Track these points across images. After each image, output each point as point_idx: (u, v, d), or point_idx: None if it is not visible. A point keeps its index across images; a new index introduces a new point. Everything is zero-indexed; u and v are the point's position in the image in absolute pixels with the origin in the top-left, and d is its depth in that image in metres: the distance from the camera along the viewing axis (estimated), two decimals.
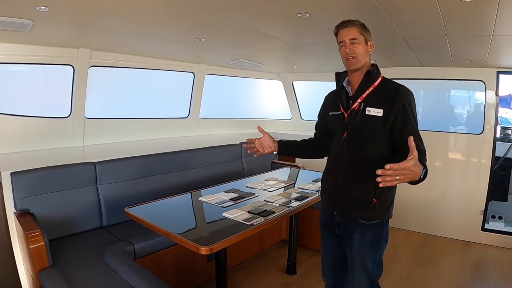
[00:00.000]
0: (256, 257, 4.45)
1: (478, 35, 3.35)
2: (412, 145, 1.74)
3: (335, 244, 2.40)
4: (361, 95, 2.15)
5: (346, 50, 2.13)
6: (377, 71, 2.18)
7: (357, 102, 2.16)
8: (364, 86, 2.16)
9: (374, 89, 2.14)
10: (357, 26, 2.13)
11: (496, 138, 5.03)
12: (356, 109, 2.15)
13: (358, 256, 2.23)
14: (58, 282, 2.50)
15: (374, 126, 2.09)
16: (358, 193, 2.16)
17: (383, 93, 2.11)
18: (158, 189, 3.91)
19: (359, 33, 2.11)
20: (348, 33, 2.12)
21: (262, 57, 5.17)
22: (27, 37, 3.45)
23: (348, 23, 2.14)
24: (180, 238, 2.43)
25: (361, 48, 2.12)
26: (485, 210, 5.06)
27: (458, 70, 5.02)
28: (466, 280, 4.09)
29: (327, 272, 2.57)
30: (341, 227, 2.29)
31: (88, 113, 4.40)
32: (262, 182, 3.93)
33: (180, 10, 2.87)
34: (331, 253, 2.49)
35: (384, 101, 2.08)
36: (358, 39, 2.11)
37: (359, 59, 2.13)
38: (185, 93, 5.74)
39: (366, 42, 2.14)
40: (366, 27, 2.16)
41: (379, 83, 2.16)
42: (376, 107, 2.08)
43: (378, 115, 2.07)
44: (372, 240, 2.19)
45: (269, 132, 2.81)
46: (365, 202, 2.12)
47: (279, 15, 3.06)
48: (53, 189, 3.24)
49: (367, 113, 2.10)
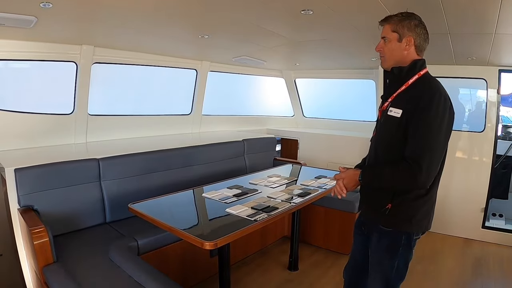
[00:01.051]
0: (258, 253, 4.47)
1: (480, 33, 3.35)
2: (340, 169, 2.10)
3: (360, 244, 2.37)
4: (392, 94, 2.08)
5: (376, 49, 2.12)
6: (410, 69, 2.02)
7: (387, 101, 2.09)
8: (392, 86, 2.09)
9: (407, 88, 2.02)
10: (391, 23, 2.04)
11: (497, 136, 5.04)
12: (384, 109, 2.09)
13: (374, 258, 2.20)
14: (62, 278, 2.51)
15: (389, 127, 2.02)
16: (373, 196, 2.14)
17: (410, 92, 2.00)
18: (161, 186, 3.92)
19: (391, 30, 2.03)
20: (382, 31, 2.08)
21: (265, 54, 5.17)
22: (31, 34, 3.45)
23: (383, 20, 2.08)
24: (185, 234, 2.44)
25: (391, 45, 2.04)
26: (486, 208, 5.08)
27: (460, 68, 5.02)
28: (467, 277, 4.11)
29: (348, 270, 2.56)
30: (366, 227, 2.28)
31: (91, 109, 4.40)
32: (265, 179, 3.94)
33: (183, 7, 2.87)
34: (354, 252, 2.48)
35: (406, 101, 1.97)
36: (388, 37, 2.04)
37: (387, 58, 2.08)
38: (187, 90, 5.74)
39: (400, 39, 2.01)
40: (405, 22, 2.00)
41: (414, 82, 2.02)
42: (397, 107, 1.98)
43: (396, 116, 1.96)
44: (389, 246, 2.09)
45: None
46: (379, 206, 2.06)
47: (283, 12, 3.07)
48: (56, 185, 3.25)
49: (388, 113, 2.02)
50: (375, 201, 2.11)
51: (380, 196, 2.07)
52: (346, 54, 5.07)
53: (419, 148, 1.86)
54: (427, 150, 1.86)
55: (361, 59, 5.31)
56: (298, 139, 6.58)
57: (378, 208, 2.07)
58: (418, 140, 1.87)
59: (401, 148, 1.94)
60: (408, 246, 2.10)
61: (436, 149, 1.88)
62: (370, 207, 2.21)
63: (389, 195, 2.02)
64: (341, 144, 6.06)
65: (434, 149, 1.88)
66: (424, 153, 1.85)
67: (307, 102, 7.34)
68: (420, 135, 1.87)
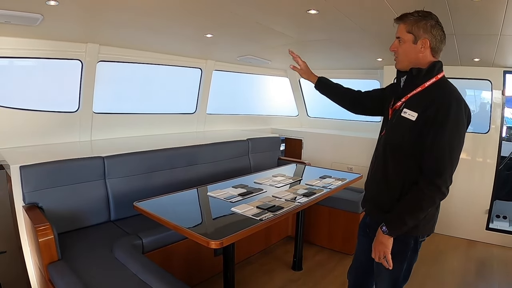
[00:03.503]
0: (262, 253, 4.48)
1: (485, 35, 3.35)
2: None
3: (365, 245, 2.30)
4: (406, 94, 2.03)
5: (390, 49, 2.08)
6: (428, 71, 1.96)
7: (400, 101, 2.05)
8: (409, 86, 2.02)
9: (423, 90, 1.97)
10: (407, 23, 1.97)
11: (502, 137, 5.03)
12: (397, 108, 2.05)
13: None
14: (66, 275, 2.50)
15: (402, 130, 1.97)
16: (380, 196, 2.12)
17: (427, 95, 1.93)
18: (166, 184, 3.93)
19: (406, 31, 1.96)
20: (397, 31, 2.03)
21: (269, 53, 5.18)
22: (36, 32, 3.45)
23: (399, 19, 2.02)
24: (190, 232, 2.44)
25: (405, 47, 1.98)
26: (490, 210, 5.07)
27: (465, 69, 5.00)
28: (470, 278, 4.10)
29: (352, 271, 2.55)
30: (372, 229, 2.18)
31: (96, 107, 4.40)
32: (270, 178, 3.94)
33: (188, 5, 2.87)
34: (358, 254, 2.46)
35: (422, 104, 1.91)
36: (403, 38, 1.98)
37: (400, 58, 2.03)
38: (192, 89, 5.74)
39: (415, 41, 1.95)
40: (421, 22, 1.93)
41: (431, 85, 1.96)
42: (413, 110, 1.93)
43: (411, 118, 1.92)
44: (398, 250, 2.03)
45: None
46: (386, 207, 2.04)
47: (288, 12, 3.07)
48: (61, 183, 3.25)
49: (402, 115, 1.98)
50: (382, 205, 2.08)
51: (387, 198, 2.06)
52: (351, 54, 5.06)
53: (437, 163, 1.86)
54: (447, 161, 1.86)
55: (366, 59, 5.31)
56: (302, 138, 6.57)
57: (385, 211, 2.04)
58: (434, 154, 1.86)
59: (410, 150, 1.94)
60: (415, 249, 2.11)
61: (454, 157, 1.88)
62: (377, 210, 2.17)
63: (395, 197, 2.01)
64: (345, 144, 6.05)
65: (453, 157, 1.87)
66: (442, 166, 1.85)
67: (312, 102, 7.33)
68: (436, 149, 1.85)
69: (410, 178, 1.95)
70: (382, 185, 2.10)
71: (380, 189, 2.12)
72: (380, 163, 2.13)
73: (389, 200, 2.04)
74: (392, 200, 2.02)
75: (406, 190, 1.96)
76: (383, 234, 1.97)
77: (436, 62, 1.98)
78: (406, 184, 1.97)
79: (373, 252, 2.05)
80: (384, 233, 1.96)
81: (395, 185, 2.01)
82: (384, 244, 1.98)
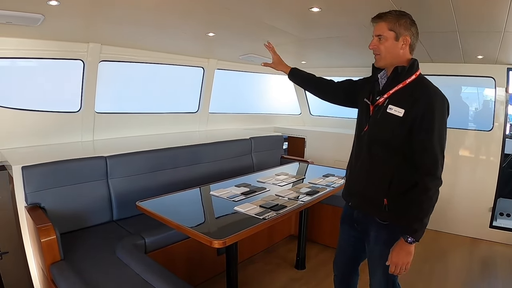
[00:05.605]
0: (265, 252, 4.46)
1: (489, 31, 3.32)
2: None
3: (352, 238, 2.42)
4: (388, 91, 2.08)
5: (370, 47, 2.11)
6: (410, 68, 2.03)
7: (382, 97, 2.09)
8: (392, 83, 2.07)
9: (404, 86, 2.03)
10: (387, 21, 2.02)
11: (505, 135, 5.00)
12: (380, 104, 2.09)
13: (375, 252, 2.22)
14: (69, 275, 2.51)
15: (391, 126, 2.02)
16: (369, 190, 2.15)
17: (411, 92, 2.00)
18: (168, 183, 3.93)
19: (387, 28, 2.01)
20: (376, 29, 2.06)
21: None
22: (38, 32, 3.45)
23: (378, 18, 2.06)
24: (193, 232, 2.44)
25: (387, 44, 2.03)
26: (494, 207, 5.05)
27: (468, 67, 4.99)
28: (474, 276, 4.09)
29: (338, 264, 2.62)
30: (360, 223, 2.29)
31: (98, 107, 4.41)
32: (273, 177, 3.93)
33: (190, 4, 2.86)
34: (345, 246, 2.52)
35: (408, 101, 1.97)
36: (385, 36, 2.02)
37: (383, 56, 2.06)
38: (195, 88, 5.73)
39: (397, 38, 2.01)
40: (401, 20, 2.01)
41: (411, 82, 2.04)
42: (399, 106, 1.99)
43: (398, 115, 1.98)
44: (388, 239, 2.10)
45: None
46: (376, 201, 2.10)
47: (290, 10, 3.05)
48: (64, 183, 3.25)
49: (388, 111, 2.02)
50: (371, 197, 2.14)
51: (376, 192, 2.11)
52: (354, 52, 5.03)
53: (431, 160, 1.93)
54: (440, 155, 1.94)
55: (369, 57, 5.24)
56: (305, 137, 6.56)
57: (375, 204, 2.11)
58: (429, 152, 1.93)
59: (399, 145, 2.02)
60: None
61: (443, 148, 1.97)
62: (366, 203, 2.21)
63: (384, 190, 2.07)
64: (348, 142, 5.91)
65: (443, 150, 1.97)
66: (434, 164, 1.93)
67: (314, 101, 7.29)
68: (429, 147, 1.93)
69: (399, 172, 2.03)
70: (371, 180, 2.15)
71: (369, 183, 2.16)
72: (366, 159, 2.17)
73: (379, 194, 2.09)
74: (381, 194, 2.08)
75: (395, 183, 2.04)
76: (410, 244, 1.97)
77: (414, 59, 2.07)
78: (395, 178, 2.04)
79: (395, 263, 2.02)
80: (412, 243, 1.97)
81: (385, 179, 2.07)
82: (411, 253, 1.99)
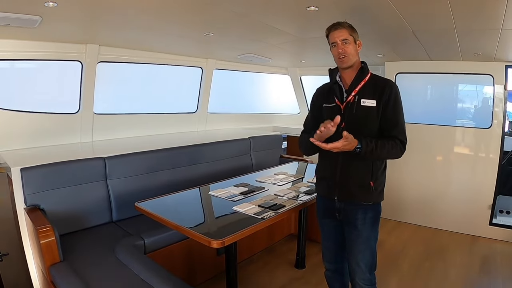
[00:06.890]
0: (265, 251, 4.47)
1: (487, 29, 3.33)
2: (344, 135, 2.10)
3: (336, 229, 2.60)
4: (354, 88, 2.38)
5: (338, 50, 2.36)
6: (367, 67, 2.43)
7: (351, 95, 2.37)
8: (357, 81, 2.38)
9: (365, 83, 2.38)
10: (347, 28, 2.36)
11: (504, 132, 4.99)
12: (352, 101, 2.36)
13: (363, 234, 2.43)
14: (69, 277, 2.51)
15: (370, 116, 2.33)
16: (357, 178, 2.38)
17: (374, 86, 2.36)
18: (167, 184, 3.93)
19: (348, 34, 2.34)
20: (339, 35, 2.35)
21: (270, 51, 5.16)
22: (35, 33, 3.44)
23: (338, 25, 2.37)
24: (192, 232, 2.44)
25: (351, 47, 2.35)
26: (493, 205, 5.05)
27: (466, 64, 4.99)
28: (474, 273, 4.08)
29: (330, 258, 2.75)
30: (343, 211, 2.47)
31: (96, 108, 4.40)
32: (272, 176, 3.94)
33: (188, 5, 2.86)
34: (333, 239, 2.66)
35: (375, 93, 2.33)
36: (348, 40, 2.34)
37: (350, 57, 2.35)
38: (193, 88, 5.73)
39: (355, 42, 2.38)
40: (354, 28, 2.39)
41: (369, 78, 2.40)
42: (369, 99, 2.33)
43: (372, 105, 2.31)
44: (373, 219, 2.44)
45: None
46: (363, 185, 2.37)
47: (288, 9, 3.05)
48: (63, 184, 3.25)
49: (362, 104, 2.33)
50: (360, 186, 2.38)
51: (363, 179, 2.37)
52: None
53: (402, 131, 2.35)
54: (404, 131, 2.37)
55: (366, 55, 5.28)
56: None
57: (364, 191, 2.38)
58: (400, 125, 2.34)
59: (377, 130, 2.35)
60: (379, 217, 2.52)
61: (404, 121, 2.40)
62: (354, 193, 2.40)
63: (369, 174, 2.36)
64: None
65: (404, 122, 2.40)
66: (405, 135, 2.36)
67: None
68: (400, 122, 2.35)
69: None
70: (355, 171, 2.38)
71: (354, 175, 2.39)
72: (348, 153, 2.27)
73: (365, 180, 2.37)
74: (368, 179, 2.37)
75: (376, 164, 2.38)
76: (354, 150, 2.22)
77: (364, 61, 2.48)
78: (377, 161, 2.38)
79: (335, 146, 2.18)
80: (356, 151, 2.22)
81: (368, 165, 2.36)
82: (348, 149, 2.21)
